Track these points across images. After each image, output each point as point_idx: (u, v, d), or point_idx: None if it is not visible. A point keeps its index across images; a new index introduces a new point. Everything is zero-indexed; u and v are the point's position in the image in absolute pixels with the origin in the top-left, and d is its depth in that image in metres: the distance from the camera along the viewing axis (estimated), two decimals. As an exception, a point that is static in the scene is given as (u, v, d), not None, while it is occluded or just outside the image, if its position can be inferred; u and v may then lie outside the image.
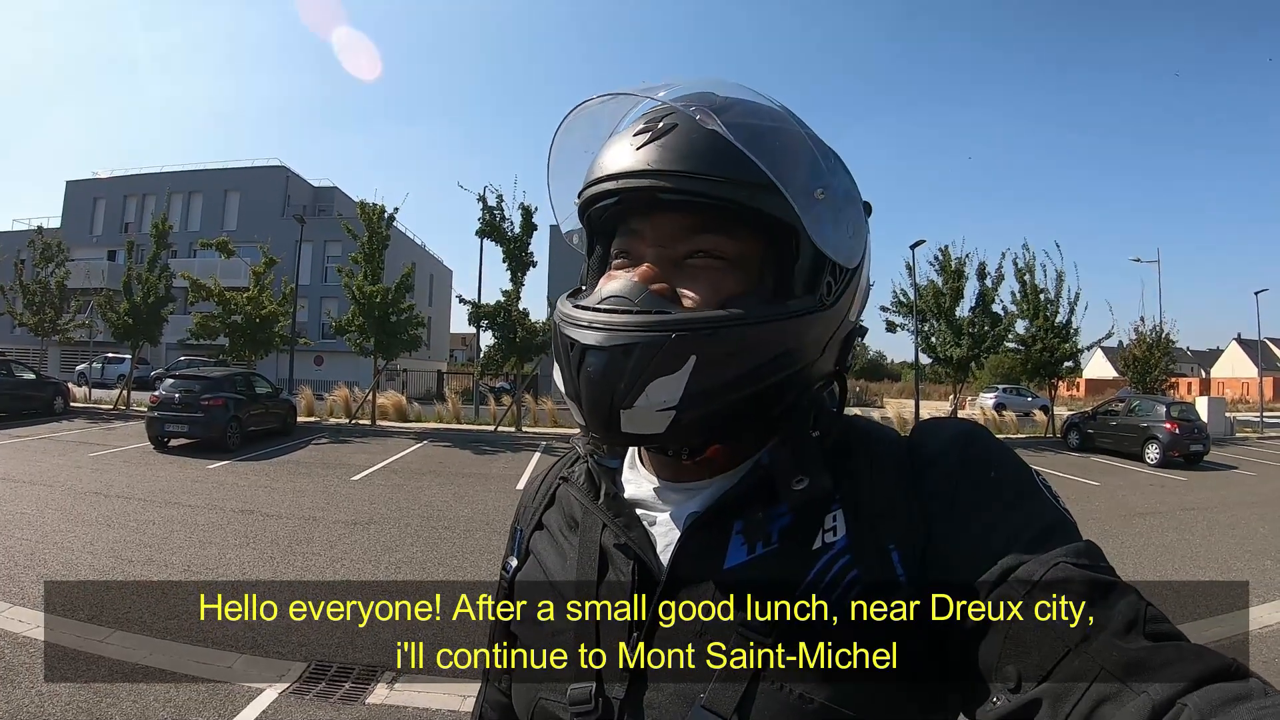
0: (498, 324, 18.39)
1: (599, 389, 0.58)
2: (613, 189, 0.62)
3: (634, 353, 0.57)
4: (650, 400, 0.57)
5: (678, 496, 0.68)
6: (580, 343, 0.59)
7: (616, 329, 0.58)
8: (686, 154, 0.59)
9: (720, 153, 0.59)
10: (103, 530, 7.23)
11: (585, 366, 0.59)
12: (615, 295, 0.61)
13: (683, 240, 0.63)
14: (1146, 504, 11.09)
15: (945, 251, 21.11)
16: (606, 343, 0.58)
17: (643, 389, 0.57)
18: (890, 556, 0.59)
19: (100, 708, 3.55)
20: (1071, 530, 0.58)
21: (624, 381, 0.57)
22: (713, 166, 0.59)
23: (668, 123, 0.61)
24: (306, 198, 41.58)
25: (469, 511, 9.03)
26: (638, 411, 0.58)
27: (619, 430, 0.60)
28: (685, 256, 0.63)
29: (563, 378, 0.63)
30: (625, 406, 0.58)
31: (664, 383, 0.57)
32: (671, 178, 0.59)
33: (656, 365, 0.57)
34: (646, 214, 0.64)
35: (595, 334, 0.59)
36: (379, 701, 3.77)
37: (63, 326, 23.05)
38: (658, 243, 0.63)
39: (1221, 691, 0.43)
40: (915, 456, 0.64)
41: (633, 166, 0.61)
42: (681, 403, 0.58)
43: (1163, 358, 23.98)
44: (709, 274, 0.62)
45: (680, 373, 0.57)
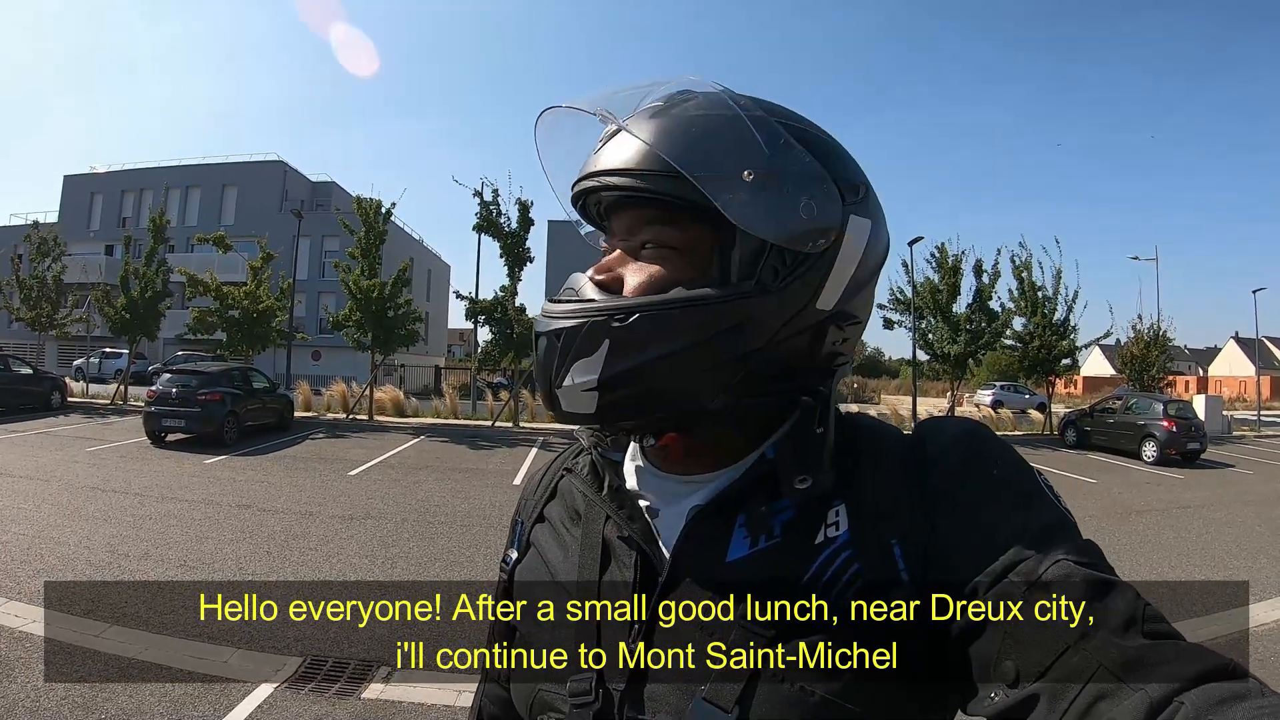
0: (495, 319, 18.37)
1: (540, 370, 0.65)
2: (577, 191, 0.69)
3: (561, 337, 0.62)
4: (575, 381, 0.62)
5: (681, 489, 0.68)
6: (536, 330, 0.66)
7: (555, 317, 0.64)
8: (619, 155, 0.64)
9: (645, 150, 0.62)
10: (99, 525, 7.23)
11: (536, 351, 0.66)
12: (567, 286, 0.67)
13: (636, 233, 0.66)
14: (1143, 502, 11.12)
15: (942, 249, 21.14)
16: (545, 329, 0.64)
17: (568, 370, 0.62)
18: (892, 552, 0.59)
19: (96, 702, 3.55)
20: (1072, 530, 0.58)
21: (555, 363, 0.63)
22: (636, 163, 0.63)
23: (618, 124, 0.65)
24: (304, 193, 41.48)
25: (466, 506, 9.04)
26: (567, 391, 0.62)
27: (560, 408, 0.64)
28: (640, 247, 0.65)
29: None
30: (557, 386, 0.63)
31: (584, 364, 0.61)
32: (606, 176, 0.64)
33: (576, 348, 0.62)
34: (612, 210, 0.68)
35: (543, 321, 0.65)
36: (374, 696, 3.77)
37: (60, 321, 22.98)
38: (619, 235, 0.68)
39: (1218, 690, 0.44)
40: (918, 454, 0.64)
41: (588, 168, 0.67)
42: (600, 383, 0.61)
43: (1160, 356, 24.02)
44: (655, 263, 0.64)
45: (596, 355, 0.61)
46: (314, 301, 36.33)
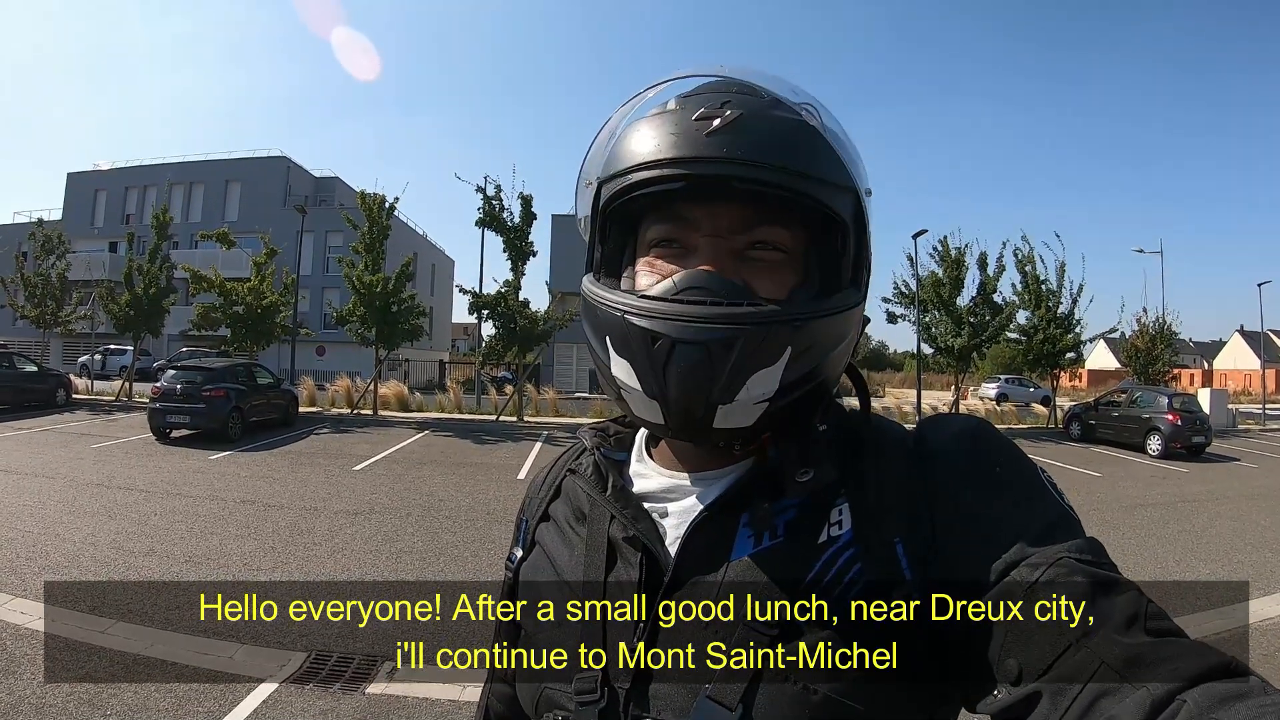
0: (498, 314, 18.37)
1: (696, 385, 0.57)
2: (681, 174, 0.60)
3: (736, 345, 0.56)
4: (750, 393, 0.58)
5: (686, 489, 0.68)
6: (668, 336, 0.57)
7: (713, 322, 0.57)
8: (768, 145, 0.59)
9: (800, 147, 0.59)
10: (104, 521, 7.26)
11: (675, 362, 0.57)
12: (695, 286, 0.59)
13: (742, 231, 0.62)
14: (1148, 495, 11.09)
15: (945, 242, 21.07)
16: (703, 336, 0.56)
17: (743, 382, 0.57)
18: (895, 550, 0.59)
19: (101, 698, 3.56)
20: (1075, 527, 0.58)
21: (725, 376, 0.57)
22: (796, 160, 0.59)
23: (733, 111, 0.59)
24: (308, 188, 41.52)
25: (470, 501, 9.05)
26: (736, 405, 0.58)
27: (710, 427, 0.59)
28: (745, 247, 0.62)
29: (638, 375, 0.60)
30: (725, 401, 0.58)
31: (764, 375, 0.58)
32: (753, 168, 0.58)
33: (758, 358, 0.57)
34: (705, 202, 0.62)
35: (686, 326, 0.57)
36: (379, 691, 3.78)
37: (64, 319, 23.02)
38: (715, 232, 0.62)
39: (1221, 688, 0.43)
40: (921, 451, 0.64)
41: (707, 152, 0.59)
42: (776, 394, 0.59)
43: (1165, 349, 23.94)
44: (771, 267, 0.62)
45: (778, 364, 0.58)
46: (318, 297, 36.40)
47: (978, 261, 20.90)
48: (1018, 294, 21.20)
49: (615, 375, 0.62)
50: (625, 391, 0.62)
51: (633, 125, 0.64)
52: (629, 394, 0.62)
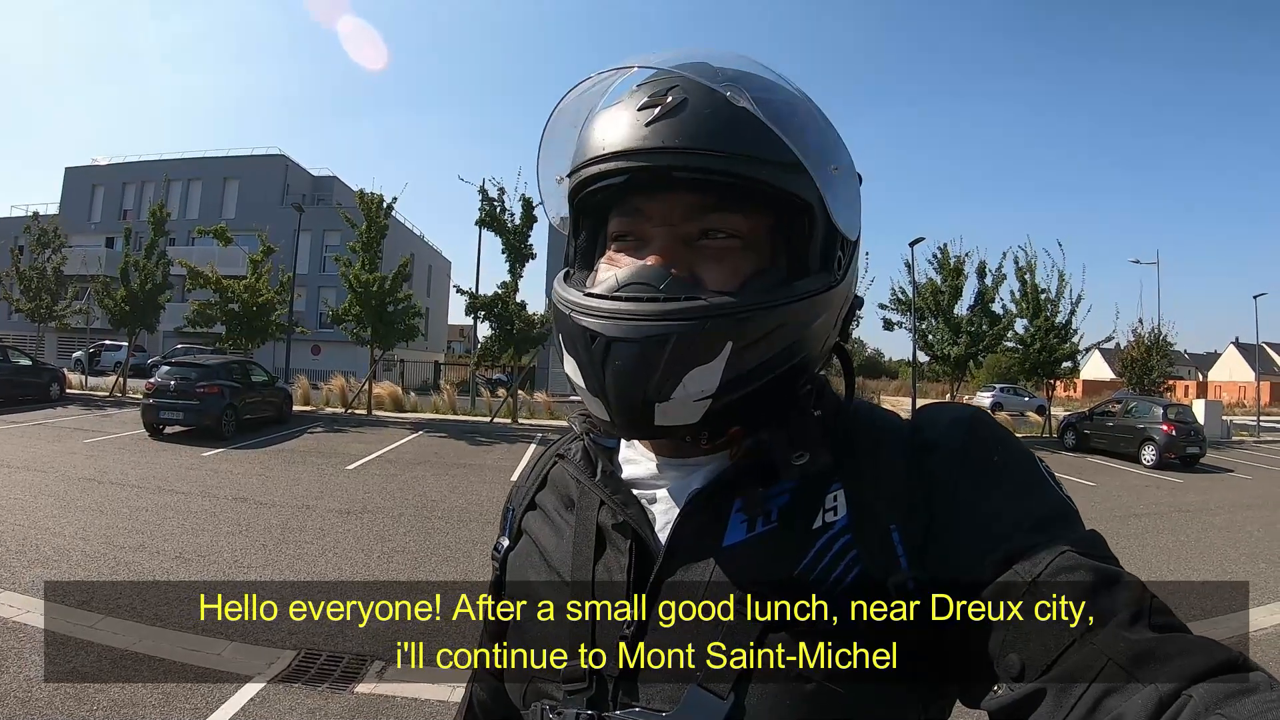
0: (495, 315, 18.35)
1: (631, 383, 0.56)
2: (622, 167, 0.59)
3: (669, 343, 0.55)
4: (687, 391, 0.56)
5: (676, 474, 0.67)
6: (604, 335, 0.56)
7: (646, 319, 0.55)
8: (706, 131, 0.57)
9: (741, 129, 0.56)
10: (96, 517, 7.21)
11: (612, 360, 0.56)
12: (636, 282, 0.58)
13: (694, 219, 0.60)
14: (1142, 505, 11.12)
15: (944, 250, 21.13)
16: (636, 334, 0.55)
17: (679, 380, 0.56)
18: (891, 537, 0.58)
19: (88, 693, 3.53)
20: (1074, 518, 0.57)
21: (659, 374, 0.55)
22: (737, 144, 0.57)
23: (676, 96, 0.58)
24: (305, 187, 41.49)
25: (463, 502, 9.03)
26: (674, 403, 0.57)
27: (651, 424, 0.58)
28: (697, 236, 0.61)
29: (581, 373, 0.60)
30: (661, 400, 0.56)
31: (700, 372, 0.56)
32: (691, 156, 0.57)
33: (693, 354, 0.55)
34: (653, 193, 0.61)
35: (622, 324, 0.56)
36: (368, 691, 3.75)
37: (59, 313, 22.96)
38: (667, 222, 0.61)
39: (1227, 684, 0.43)
40: (918, 439, 0.63)
41: (645, 144, 0.57)
42: (718, 390, 0.57)
43: (1160, 360, 24.03)
44: (725, 254, 0.60)
45: (716, 360, 0.56)
46: (314, 296, 36.34)
47: (976, 270, 20.97)
48: (1016, 302, 21.26)
49: (567, 372, 0.62)
50: (576, 389, 0.62)
51: (590, 119, 0.64)
52: (579, 390, 0.62)
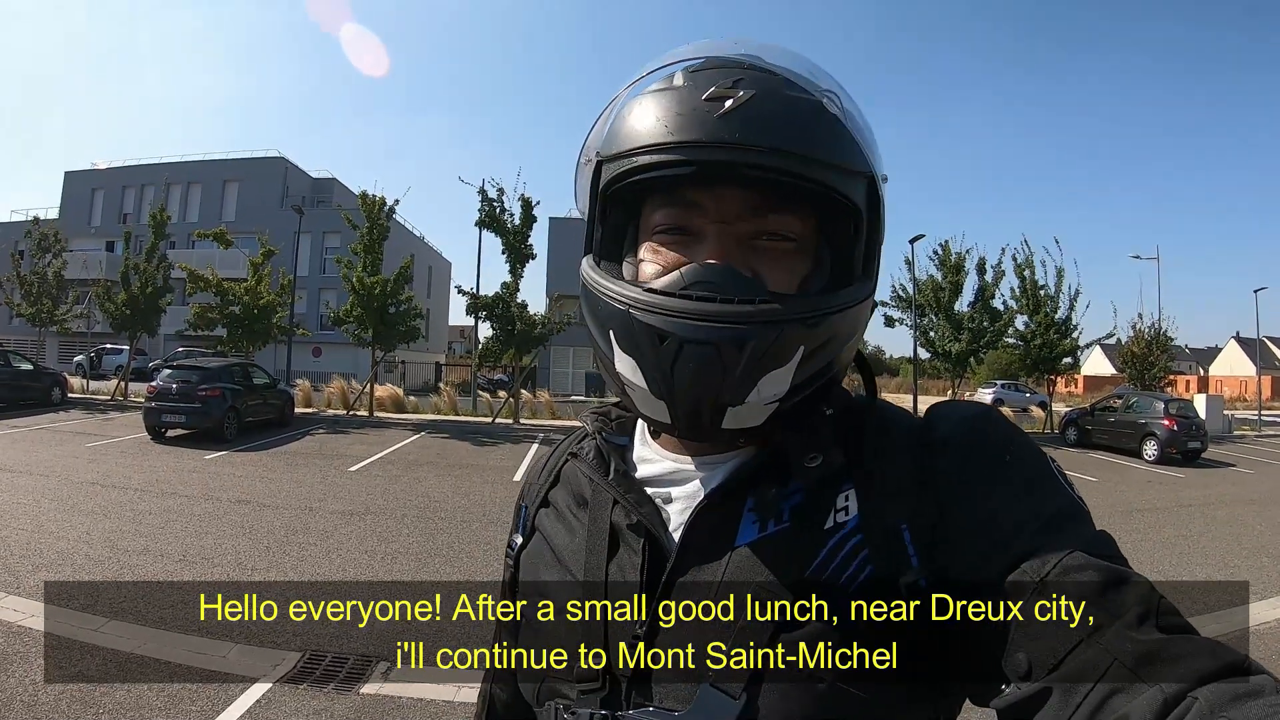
0: (496, 315, 18.36)
1: (705, 387, 0.55)
2: (691, 159, 0.56)
3: (747, 346, 0.54)
4: (761, 395, 0.56)
5: (689, 473, 0.67)
6: (676, 335, 0.54)
7: (724, 320, 0.54)
8: (782, 129, 0.55)
9: (818, 131, 0.56)
10: (99, 520, 7.22)
11: (685, 361, 0.55)
12: (705, 280, 0.57)
13: (749, 219, 0.59)
14: (1144, 500, 11.10)
15: (945, 246, 21.11)
16: (714, 337, 0.54)
17: (755, 384, 0.55)
18: (902, 536, 0.58)
19: (94, 696, 3.54)
20: (1084, 517, 0.57)
21: (736, 377, 0.55)
22: (812, 147, 0.56)
23: (745, 90, 0.55)
24: (305, 189, 41.44)
25: (466, 502, 9.03)
26: (747, 407, 0.56)
27: (719, 428, 0.58)
28: (754, 236, 0.60)
29: (644, 373, 0.57)
30: (735, 404, 0.56)
31: (776, 376, 0.56)
32: (767, 154, 0.55)
33: (770, 358, 0.55)
34: (712, 187, 0.59)
35: (696, 325, 0.54)
36: (373, 692, 3.76)
37: (60, 317, 22.97)
38: (723, 219, 0.59)
39: (1233, 686, 0.43)
40: (928, 437, 0.63)
41: (716, 137, 0.55)
42: (788, 394, 0.57)
43: (1161, 355, 23.99)
44: (782, 257, 0.60)
45: (790, 364, 0.56)
46: (314, 298, 36.34)
47: (976, 267, 20.97)
48: (1016, 299, 21.25)
49: (620, 371, 0.60)
50: (630, 388, 0.60)
51: (636, 100, 0.61)
52: (633, 391, 0.59)
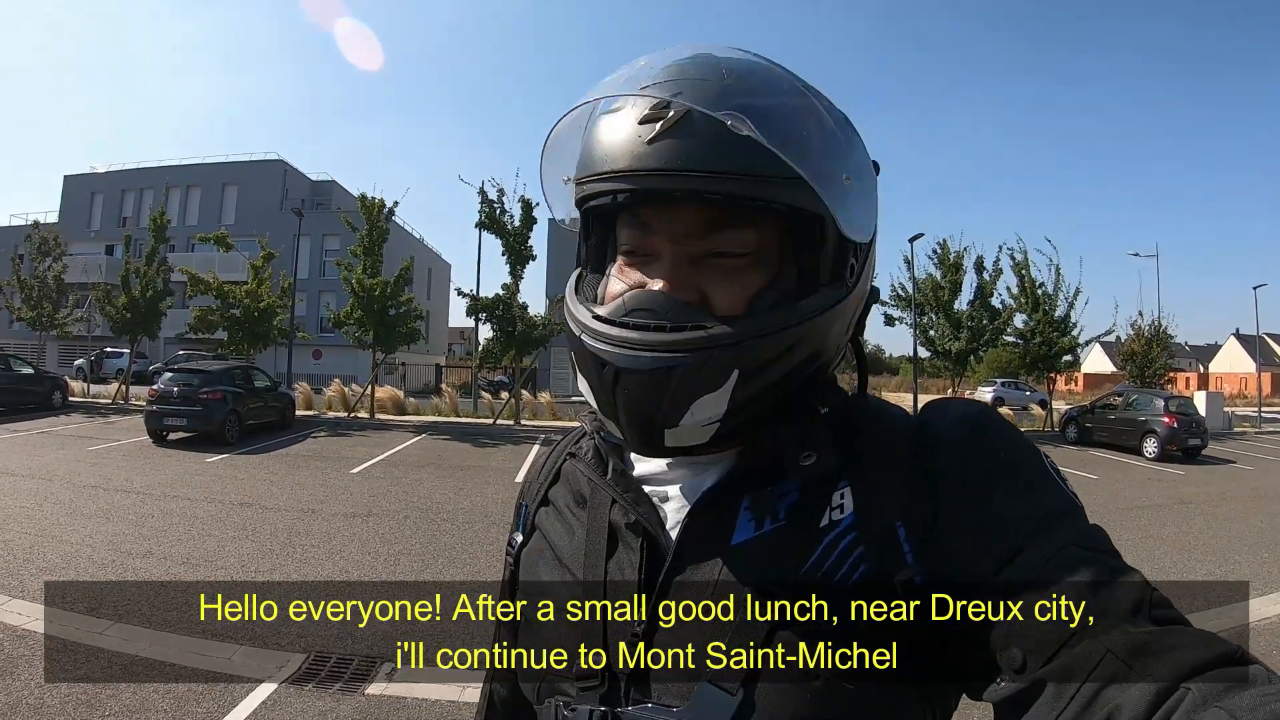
0: (497, 317, 18.36)
1: (640, 411, 0.58)
2: (623, 188, 0.58)
3: (675, 374, 0.55)
4: (695, 418, 0.57)
5: (686, 473, 0.67)
6: (613, 364, 0.57)
7: (652, 350, 0.56)
8: (707, 151, 0.54)
9: (743, 147, 0.54)
10: (101, 524, 7.23)
11: (621, 388, 0.57)
12: (642, 308, 0.58)
13: (701, 237, 0.59)
14: (1145, 497, 11.10)
15: (944, 245, 21.12)
16: (644, 366, 0.56)
17: (686, 408, 0.57)
18: (897, 533, 0.58)
19: (100, 699, 3.55)
20: (1079, 514, 0.57)
21: (666, 402, 0.57)
22: (739, 164, 0.54)
23: (677, 109, 0.55)
24: (304, 192, 41.47)
25: (468, 504, 9.03)
26: (682, 429, 0.58)
27: (662, 445, 0.60)
28: (704, 254, 0.60)
29: (593, 394, 0.61)
30: (670, 426, 0.58)
31: (707, 400, 0.57)
32: (693, 178, 0.55)
33: (698, 384, 0.56)
34: (659, 208, 0.60)
35: (630, 355, 0.57)
36: (378, 692, 3.77)
37: (61, 321, 22.97)
38: (673, 239, 0.60)
39: (1225, 677, 0.43)
40: (924, 435, 0.63)
41: (646, 165, 0.56)
42: (725, 416, 0.58)
43: (1161, 352, 23.99)
44: (733, 274, 0.59)
45: (724, 389, 0.56)
46: (315, 300, 36.32)
47: (974, 265, 20.97)
48: (1014, 297, 21.26)
49: (580, 389, 0.64)
50: (590, 404, 0.64)
51: (593, 123, 0.61)
52: (593, 407, 0.64)
